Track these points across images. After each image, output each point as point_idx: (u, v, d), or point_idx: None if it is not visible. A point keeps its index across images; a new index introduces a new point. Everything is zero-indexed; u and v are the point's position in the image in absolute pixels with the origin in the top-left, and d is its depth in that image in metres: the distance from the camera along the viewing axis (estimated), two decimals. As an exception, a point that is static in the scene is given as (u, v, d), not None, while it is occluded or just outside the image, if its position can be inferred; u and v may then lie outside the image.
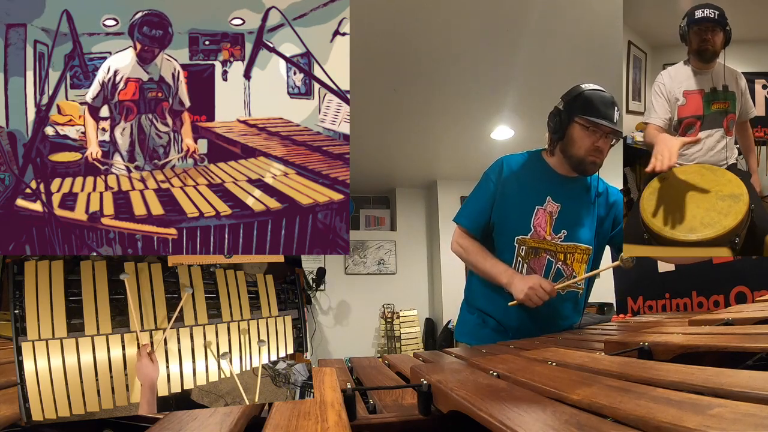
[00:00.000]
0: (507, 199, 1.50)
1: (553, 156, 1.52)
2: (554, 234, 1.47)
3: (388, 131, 4.34)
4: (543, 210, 1.48)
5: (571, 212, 1.49)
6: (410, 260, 6.04)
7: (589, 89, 1.42)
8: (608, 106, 1.39)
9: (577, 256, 1.50)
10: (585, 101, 1.40)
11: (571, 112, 1.42)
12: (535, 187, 1.50)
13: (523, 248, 1.47)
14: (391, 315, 5.63)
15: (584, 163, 1.44)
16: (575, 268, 1.50)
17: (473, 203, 1.57)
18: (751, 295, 2.49)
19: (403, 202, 6.23)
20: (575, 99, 1.42)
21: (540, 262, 1.47)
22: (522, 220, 1.47)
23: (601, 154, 1.43)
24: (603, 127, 1.38)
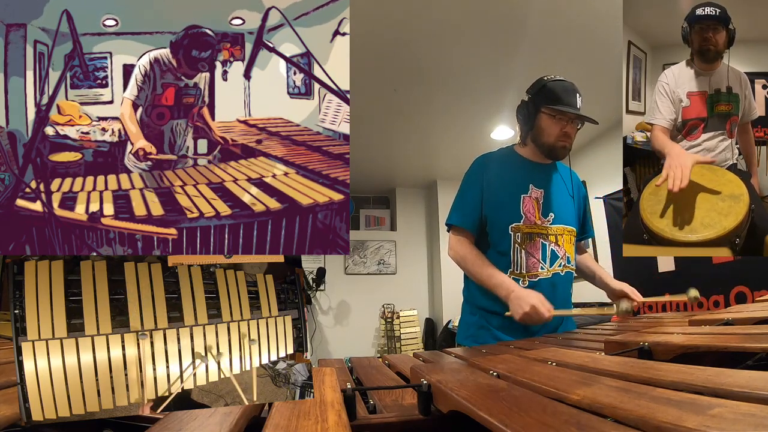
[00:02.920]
0: (493, 192, 1.55)
1: (526, 146, 1.61)
2: (543, 218, 1.54)
3: (388, 131, 4.34)
4: (529, 197, 1.55)
5: (553, 196, 1.58)
6: (410, 260, 6.04)
7: (552, 80, 1.52)
8: (570, 94, 1.48)
9: (566, 237, 1.57)
10: (549, 92, 1.49)
11: (537, 103, 1.52)
12: (516, 177, 1.57)
13: (518, 235, 1.51)
14: (391, 315, 5.63)
15: (555, 149, 1.53)
16: (566, 249, 1.56)
17: (463, 201, 1.60)
18: (751, 295, 2.50)
19: (403, 202, 6.23)
20: (540, 91, 1.52)
21: (535, 245, 1.52)
22: (512, 210, 1.52)
23: (569, 139, 1.52)
24: (568, 113, 1.47)
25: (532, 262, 1.50)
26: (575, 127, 1.51)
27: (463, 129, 4.29)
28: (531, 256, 1.50)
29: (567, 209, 1.60)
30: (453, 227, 1.60)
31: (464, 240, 1.57)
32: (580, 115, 1.47)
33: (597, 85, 3.15)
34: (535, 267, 1.51)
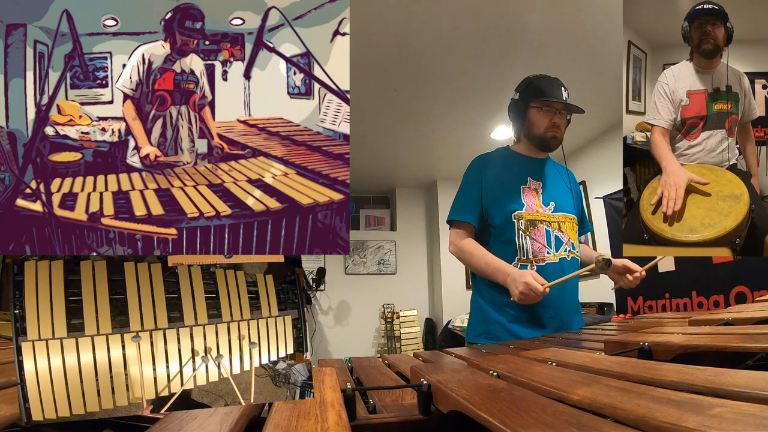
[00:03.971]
0: (493, 187, 1.59)
1: (520, 142, 1.70)
2: (545, 206, 1.58)
3: (388, 131, 4.34)
4: (528, 188, 1.59)
5: (551, 187, 1.63)
6: (410, 260, 6.04)
7: (537, 76, 1.62)
8: (555, 87, 1.57)
9: (569, 224, 1.60)
10: (535, 87, 1.59)
11: (526, 99, 1.61)
12: (514, 172, 1.62)
13: (522, 222, 1.54)
14: (391, 315, 5.63)
15: (546, 140, 1.60)
16: (570, 235, 1.58)
17: (463, 198, 1.64)
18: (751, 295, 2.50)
19: (403, 202, 6.23)
20: (527, 87, 1.61)
21: (540, 232, 1.54)
22: (514, 199, 1.56)
23: (559, 129, 1.59)
24: (554, 104, 1.55)
25: (538, 247, 1.52)
26: (564, 118, 1.59)
27: (463, 129, 4.29)
28: (536, 241, 1.52)
29: (566, 199, 1.64)
30: (454, 223, 1.63)
31: (464, 233, 1.60)
32: (567, 105, 1.55)
33: (597, 85, 3.15)
34: (541, 252, 1.52)
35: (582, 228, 1.70)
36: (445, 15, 2.66)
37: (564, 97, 1.56)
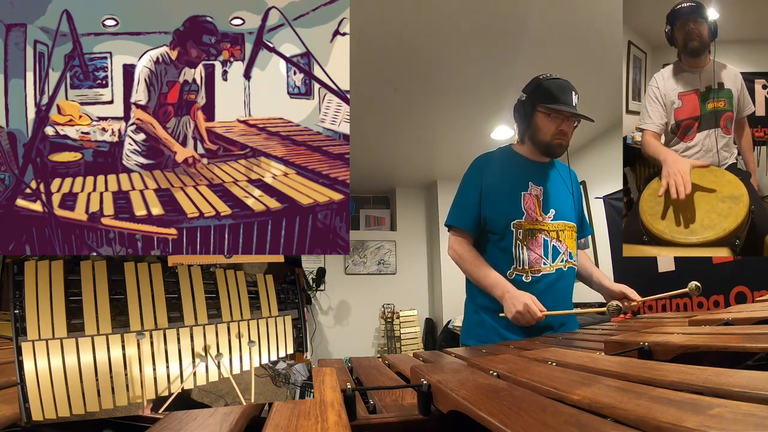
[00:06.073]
0: (493, 191, 1.56)
1: (524, 144, 1.63)
2: (544, 214, 1.55)
3: (388, 131, 4.34)
4: (529, 194, 1.56)
5: (553, 193, 1.59)
6: (410, 260, 6.04)
7: (547, 78, 1.52)
8: (566, 92, 1.48)
9: (567, 233, 1.58)
10: (544, 90, 1.50)
11: (534, 102, 1.53)
12: (515, 175, 1.58)
13: (520, 232, 1.52)
14: (391, 315, 5.63)
15: (551, 146, 1.54)
16: (568, 244, 1.57)
17: (461, 202, 1.61)
18: (751, 295, 2.50)
19: (403, 202, 6.23)
20: (536, 90, 1.53)
21: (537, 242, 1.52)
22: (513, 207, 1.53)
23: (566, 137, 1.53)
24: (563, 111, 1.48)
25: (535, 257, 1.51)
26: (572, 125, 1.53)
27: (463, 129, 4.29)
28: (533, 252, 1.51)
29: (567, 205, 1.61)
30: (452, 228, 1.62)
31: (462, 240, 1.59)
32: (575, 113, 1.48)
33: (597, 85, 3.15)
34: (537, 262, 1.51)
35: (582, 231, 1.69)
36: (446, 15, 2.66)
37: (574, 103, 1.48)
